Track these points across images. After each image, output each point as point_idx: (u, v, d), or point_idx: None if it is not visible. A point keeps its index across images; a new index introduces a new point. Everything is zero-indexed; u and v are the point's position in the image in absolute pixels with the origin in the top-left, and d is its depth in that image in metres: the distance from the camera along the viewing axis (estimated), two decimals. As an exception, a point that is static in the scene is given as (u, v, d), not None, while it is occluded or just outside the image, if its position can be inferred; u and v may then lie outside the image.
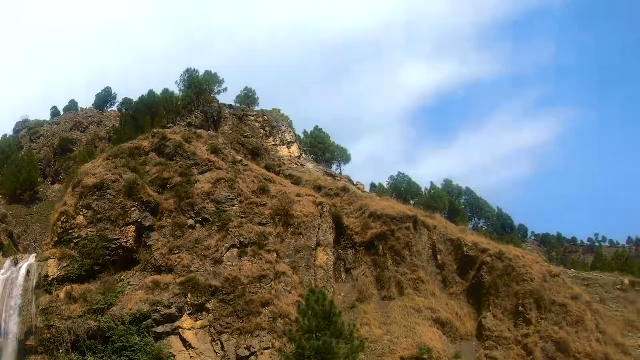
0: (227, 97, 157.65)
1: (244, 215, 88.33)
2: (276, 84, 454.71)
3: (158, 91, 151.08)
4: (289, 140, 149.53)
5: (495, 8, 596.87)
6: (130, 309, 78.22)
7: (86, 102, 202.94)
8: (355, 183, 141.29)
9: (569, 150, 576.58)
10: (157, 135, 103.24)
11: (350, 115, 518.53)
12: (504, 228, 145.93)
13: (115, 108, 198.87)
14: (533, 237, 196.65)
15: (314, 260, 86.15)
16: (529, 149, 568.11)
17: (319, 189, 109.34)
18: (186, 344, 77.21)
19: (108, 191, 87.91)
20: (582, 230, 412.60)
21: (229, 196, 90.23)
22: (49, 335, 77.93)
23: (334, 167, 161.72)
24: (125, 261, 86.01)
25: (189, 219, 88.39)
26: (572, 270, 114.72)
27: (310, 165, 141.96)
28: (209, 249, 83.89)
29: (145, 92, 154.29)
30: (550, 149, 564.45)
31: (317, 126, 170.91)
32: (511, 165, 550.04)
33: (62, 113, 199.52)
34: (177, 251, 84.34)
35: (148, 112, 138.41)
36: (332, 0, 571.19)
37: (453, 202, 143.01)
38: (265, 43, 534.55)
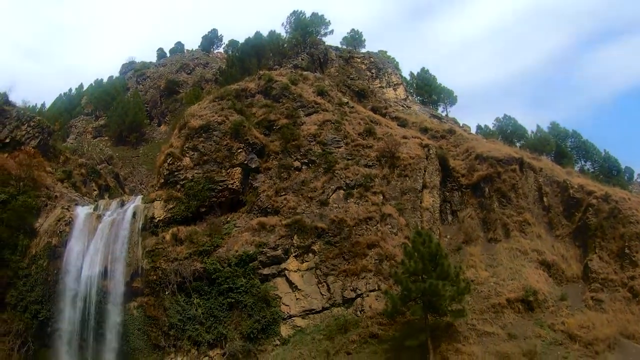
0: (333, 39, 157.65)
1: (349, 157, 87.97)
2: (383, 25, 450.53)
3: (264, 33, 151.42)
4: (395, 82, 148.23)
5: None
6: (236, 251, 79.10)
7: (192, 43, 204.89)
8: (461, 125, 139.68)
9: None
10: (264, 77, 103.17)
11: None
12: (610, 171, 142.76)
13: (221, 50, 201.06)
14: None
15: (420, 202, 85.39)
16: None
17: (425, 130, 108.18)
18: (292, 285, 77.70)
19: (214, 133, 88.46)
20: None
21: (335, 138, 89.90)
22: (154, 277, 79.70)
23: (440, 109, 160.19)
24: (231, 203, 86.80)
25: (294, 160, 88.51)
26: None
27: (416, 107, 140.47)
28: (315, 191, 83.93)
29: (251, 34, 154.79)
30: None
31: (423, 68, 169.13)
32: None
33: (168, 55, 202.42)
34: (283, 193, 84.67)
35: (254, 54, 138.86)
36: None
37: (559, 145, 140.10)
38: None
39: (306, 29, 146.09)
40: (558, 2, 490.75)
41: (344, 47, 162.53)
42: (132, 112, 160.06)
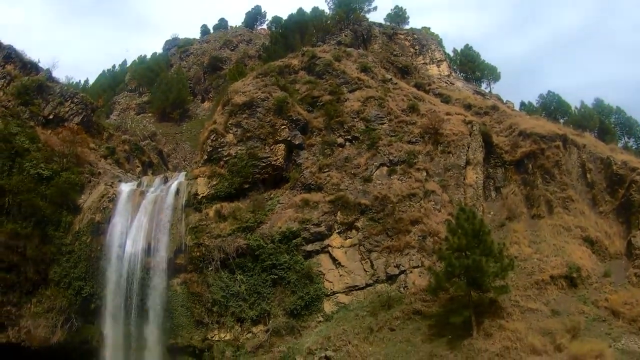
0: (376, 16, 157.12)
1: (393, 134, 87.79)
2: (426, 1, 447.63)
3: (307, 9, 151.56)
4: (438, 59, 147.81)
5: None
6: (280, 227, 79.37)
7: (236, 20, 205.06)
8: (504, 102, 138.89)
9: None
10: (307, 53, 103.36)
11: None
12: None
13: (264, 26, 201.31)
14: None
15: (463, 179, 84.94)
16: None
17: (468, 107, 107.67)
18: (335, 262, 77.89)
19: (258, 109, 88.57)
20: None
21: (379, 114, 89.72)
22: (198, 254, 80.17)
23: (483, 85, 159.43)
24: (274, 179, 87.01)
25: (338, 137, 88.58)
26: None
27: (459, 84, 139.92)
28: (358, 167, 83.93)
29: (294, 11, 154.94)
30: None
31: (467, 44, 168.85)
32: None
33: (211, 31, 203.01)
34: (327, 169, 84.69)
35: (297, 31, 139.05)
36: None
37: (603, 121, 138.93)
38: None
39: (349, 5, 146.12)
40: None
41: (388, 23, 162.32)
42: (175, 88, 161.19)
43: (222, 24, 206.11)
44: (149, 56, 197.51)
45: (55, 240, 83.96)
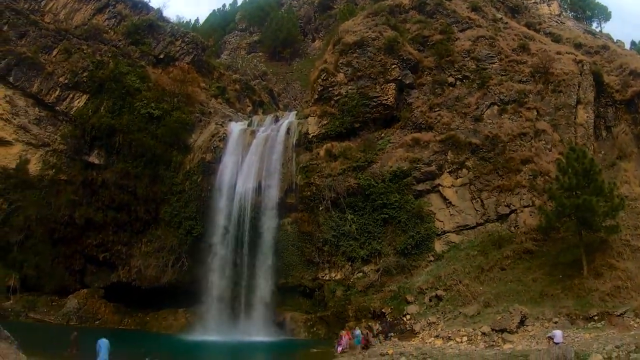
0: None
1: (503, 73, 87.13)
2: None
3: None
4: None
5: None
6: (390, 167, 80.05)
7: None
8: (615, 41, 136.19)
9: None
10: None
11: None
12: None
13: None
14: None
15: (574, 118, 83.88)
16: None
17: (578, 46, 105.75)
18: (446, 201, 78.67)
19: (368, 49, 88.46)
20: None
21: (489, 54, 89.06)
22: (308, 193, 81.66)
23: (594, 24, 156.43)
24: (384, 119, 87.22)
25: (448, 76, 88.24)
26: None
27: (569, 23, 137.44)
28: (469, 107, 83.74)
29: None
30: None
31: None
32: None
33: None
34: (437, 109, 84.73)
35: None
36: None
37: None
38: None
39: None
40: None
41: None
42: (285, 27, 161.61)
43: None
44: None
45: (165, 180, 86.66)
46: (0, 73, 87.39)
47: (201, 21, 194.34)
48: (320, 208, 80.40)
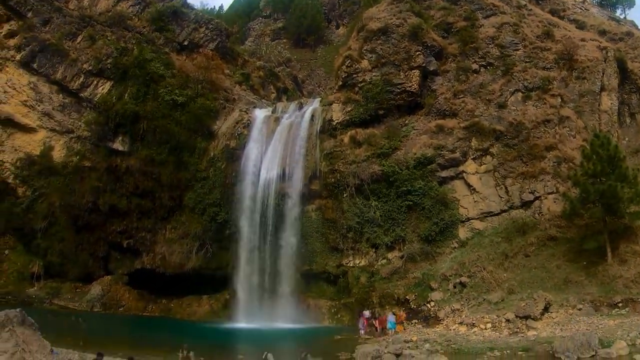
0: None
1: (528, 60, 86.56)
2: None
3: None
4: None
5: None
6: (415, 153, 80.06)
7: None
8: (639, 28, 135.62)
9: None
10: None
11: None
12: None
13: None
14: None
15: (598, 105, 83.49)
16: None
17: (602, 33, 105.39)
18: (470, 188, 78.63)
19: (392, 35, 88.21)
20: None
21: (513, 40, 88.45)
22: (332, 180, 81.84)
23: (618, 11, 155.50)
24: (409, 105, 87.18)
25: (473, 63, 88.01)
26: None
27: (594, 10, 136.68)
28: (493, 93, 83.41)
29: None
30: None
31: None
32: None
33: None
34: (461, 95, 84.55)
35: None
36: None
37: None
38: None
39: None
40: None
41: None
42: (310, 14, 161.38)
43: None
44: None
45: (190, 167, 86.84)
46: (25, 60, 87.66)
47: (225, 8, 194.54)
48: (345, 195, 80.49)
